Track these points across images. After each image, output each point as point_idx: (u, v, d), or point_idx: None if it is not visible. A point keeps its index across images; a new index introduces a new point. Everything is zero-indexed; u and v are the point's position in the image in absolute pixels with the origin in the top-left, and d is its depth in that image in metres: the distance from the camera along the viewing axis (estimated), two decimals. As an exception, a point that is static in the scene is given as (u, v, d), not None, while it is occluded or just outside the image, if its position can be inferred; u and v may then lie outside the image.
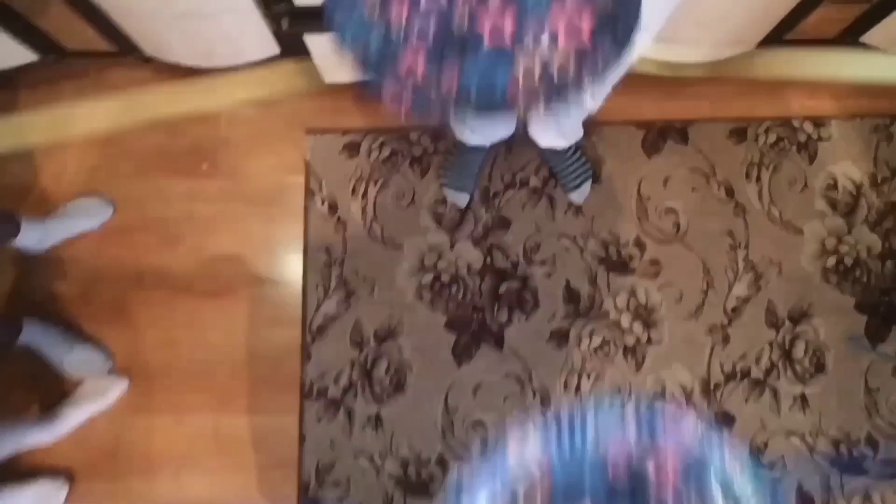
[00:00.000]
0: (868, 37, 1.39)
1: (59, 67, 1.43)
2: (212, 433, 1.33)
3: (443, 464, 1.31)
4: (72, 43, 1.39)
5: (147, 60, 1.42)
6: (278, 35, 1.31)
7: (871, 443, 1.33)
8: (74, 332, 1.34)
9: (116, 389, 1.32)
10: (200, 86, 1.41)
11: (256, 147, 1.46)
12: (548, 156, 1.40)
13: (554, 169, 1.41)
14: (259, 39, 1.33)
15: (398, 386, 1.34)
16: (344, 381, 1.34)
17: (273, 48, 1.37)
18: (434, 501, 1.30)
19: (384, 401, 1.34)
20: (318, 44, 1.27)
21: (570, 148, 1.36)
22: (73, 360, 1.32)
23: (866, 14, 1.33)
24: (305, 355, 1.35)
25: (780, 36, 1.39)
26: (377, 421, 1.33)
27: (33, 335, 1.28)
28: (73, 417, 1.29)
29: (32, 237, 1.31)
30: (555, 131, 1.26)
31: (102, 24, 1.29)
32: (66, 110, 1.42)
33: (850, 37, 1.41)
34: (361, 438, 1.32)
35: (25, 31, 1.31)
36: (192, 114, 1.42)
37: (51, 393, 1.31)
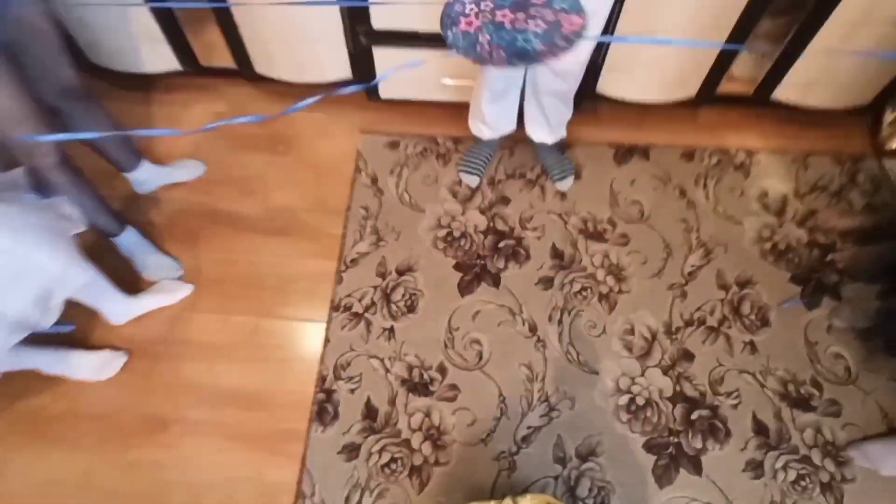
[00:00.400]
0: (778, 92, 1.90)
1: (190, 78, 1.98)
2: (250, 331, 1.59)
3: (442, 370, 1.53)
4: (205, 59, 1.96)
5: (254, 78, 1.97)
6: (353, 60, 1.86)
7: (816, 385, 1.52)
8: (157, 245, 1.68)
9: (182, 292, 1.62)
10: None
11: (322, 139, 1.93)
12: (540, 153, 1.84)
13: (545, 164, 1.84)
14: (338, 63, 1.88)
15: (411, 307, 1.62)
16: (367, 300, 1.62)
17: (347, 72, 1.92)
18: (431, 399, 1.49)
19: (398, 318, 1.60)
20: (384, 61, 1.81)
21: (556, 146, 1.81)
22: (153, 264, 1.65)
23: (770, 75, 1.85)
24: (338, 279, 1.66)
25: (713, 88, 1.91)
26: (391, 332, 1.58)
27: (129, 237, 1.62)
28: (144, 303, 1.57)
29: (144, 174, 1.74)
30: (545, 128, 1.71)
31: (236, 45, 1.86)
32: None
33: (765, 93, 1.92)
34: (376, 345, 1.56)
35: (181, 44, 1.88)
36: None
37: (129, 288, 1.60)
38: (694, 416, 1.48)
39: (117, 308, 1.53)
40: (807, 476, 1.42)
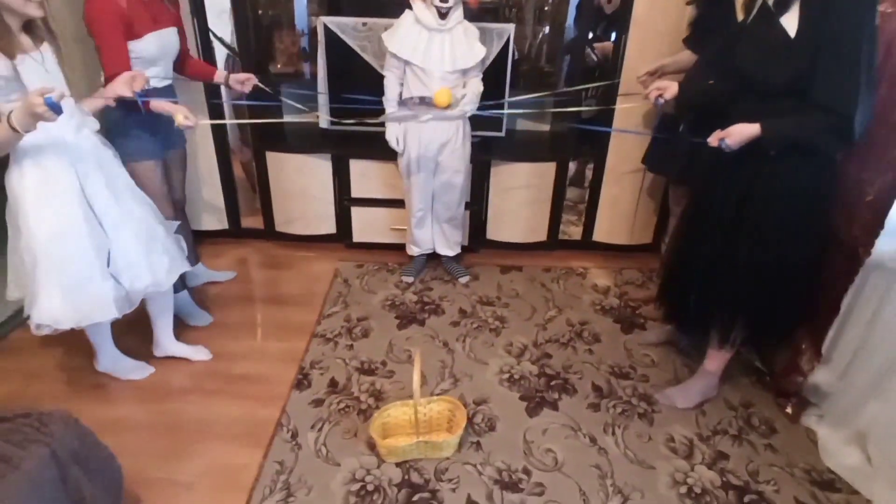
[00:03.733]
0: (595, 236, 3.03)
1: (230, 237, 3.03)
2: (258, 347, 2.27)
3: None
4: (244, 222, 3.05)
5: (272, 235, 3.03)
6: (338, 218, 2.98)
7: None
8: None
9: (203, 356, 2.19)
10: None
11: (313, 263, 2.89)
12: (445, 261, 2.82)
13: (450, 269, 2.80)
14: (327, 221, 2.99)
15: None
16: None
17: (333, 227, 3.01)
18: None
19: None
20: (357, 217, 2.92)
21: (456, 258, 2.80)
22: (196, 314, 2.41)
23: (587, 220, 3.01)
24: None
25: (556, 236, 3.04)
26: None
27: (184, 295, 2.41)
28: (179, 349, 2.17)
29: (198, 270, 2.63)
30: (447, 245, 2.74)
31: (267, 213, 2.98)
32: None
33: (588, 238, 3.05)
34: None
35: (232, 210, 2.99)
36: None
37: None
38: None
39: (165, 340, 2.15)
40: (628, 410, 2.01)
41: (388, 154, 2.53)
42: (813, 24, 1.45)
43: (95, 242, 1.70)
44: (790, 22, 1.49)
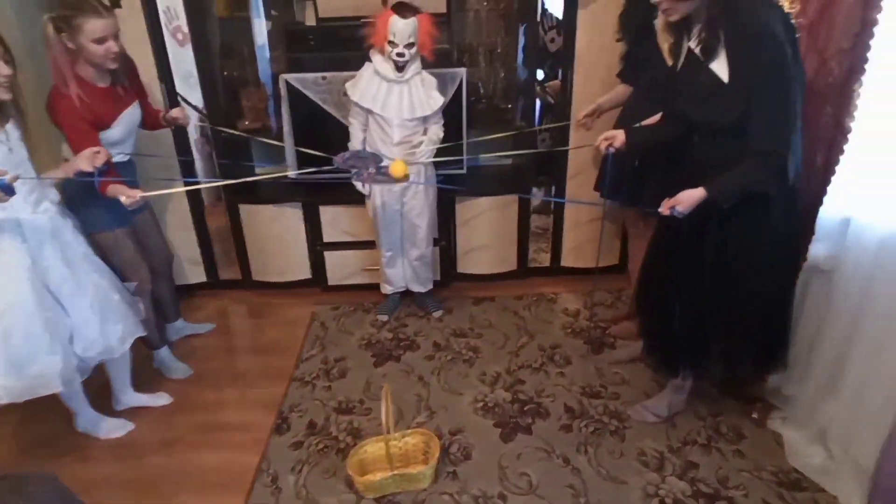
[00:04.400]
0: (563, 262, 3.12)
1: (209, 289, 3.08)
2: (237, 398, 2.29)
3: None
4: (221, 274, 3.10)
5: (250, 284, 3.09)
6: (312, 264, 3.05)
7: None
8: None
9: (164, 401, 2.25)
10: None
11: (290, 308, 2.94)
12: (418, 297, 2.88)
13: (424, 305, 2.87)
14: (302, 267, 3.05)
15: None
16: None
17: (308, 273, 3.08)
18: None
19: None
20: (330, 260, 3.00)
21: (428, 293, 2.86)
22: (177, 367, 2.44)
23: (554, 246, 3.11)
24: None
25: (526, 264, 3.13)
26: None
27: (164, 352, 2.44)
28: (137, 400, 2.22)
29: (179, 325, 2.67)
30: (418, 283, 2.81)
31: (244, 262, 3.05)
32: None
33: (556, 264, 3.14)
34: None
35: (209, 263, 3.05)
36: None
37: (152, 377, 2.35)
38: None
39: (123, 396, 2.18)
40: (600, 429, 2.06)
41: (356, 198, 2.63)
42: (742, 68, 1.48)
43: (45, 317, 1.73)
44: (721, 67, 1.52)
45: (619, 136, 1.90)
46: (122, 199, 1.82)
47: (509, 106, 3.10)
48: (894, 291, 1.61)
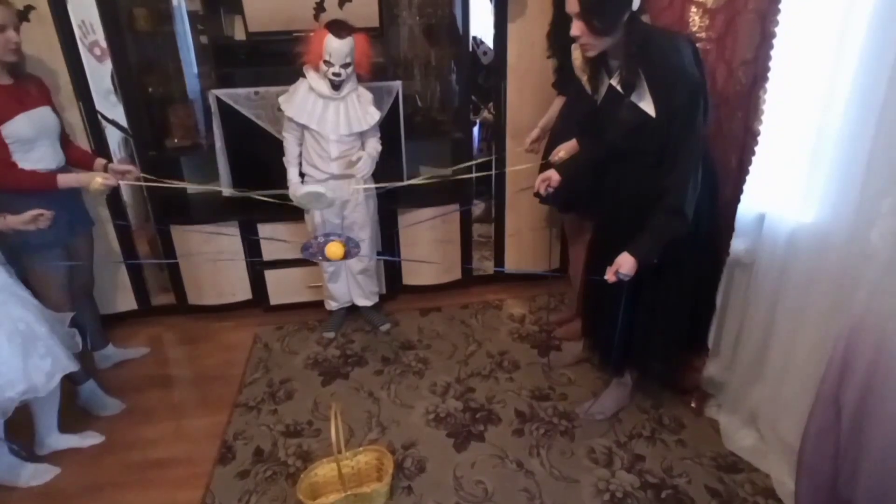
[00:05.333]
0: (507, 266, 3.17)
1: (141, 316, 2.91)
2: (173, 430, 2.16)
3: None
4: (154, 298, 2.93)
5: (186, 309, 2.94)
6: (252, 284, 2.94)
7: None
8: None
9: (94, 440, 2.09)
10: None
11: (232, 332, 2.82)
12: (364, 312, 2.83)
13: (370, 319, 2.82)
14: (242, 288, 2.94)
15: None
16: None
17: (249, 293, 2.96)
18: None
19: None
20: (271, 279, 2.90)
21: (375, 307, 2.82)
22: (106, 404, 2.27)
23: (497, 254, 3.15)
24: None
25: (470, 274, 3.15)
26: None
27: (90, 386, 2.27)
28: (65, 441, 2.05)
29: (108, 352, 2.50)
30: (363, 296, 2.77)
31: (178, 287, 2.90)
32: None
33: (500, 271, 3.18)
34: None
35: (140, 289, 2.88)
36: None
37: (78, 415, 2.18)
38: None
39: (48, 438, 2.01)
40: (550, 430, 2.10)
41: (295, 213, 2.56)
42: (665, 106, 1.57)
43: None
44: (646, 103, 1.61)
45: (554, 176, 1.98)
46: (96, 182, 1.84)
47: (445, 117, 3.13)
48: (804, 280, 1.74)
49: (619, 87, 1.66)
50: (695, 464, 1.92)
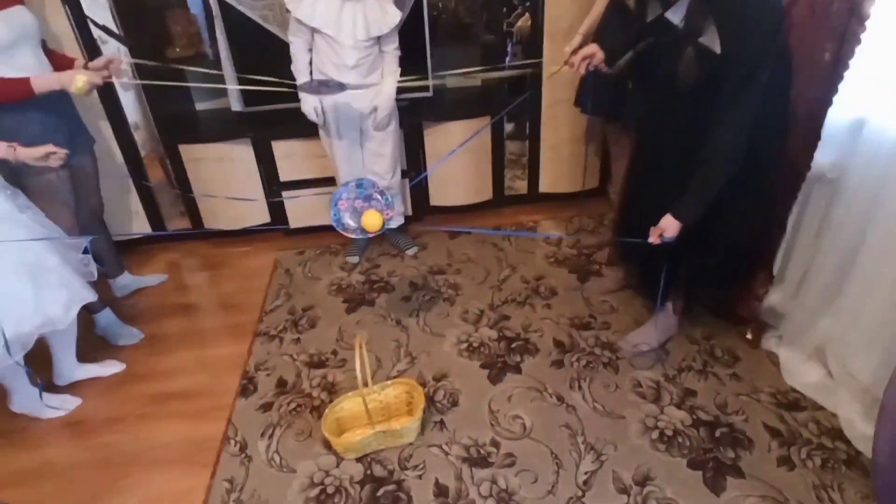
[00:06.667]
0: (542, 188, 2.90)
1: (158, 243, 2.76)
2: (194, 359, 2.06)
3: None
4: (170, 224, 2.77)
5: (203, 234, 2.78)
6: (271, 208, 2.74)
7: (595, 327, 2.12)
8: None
9: (115, 368, 2.00)
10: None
11: (251, 258, 2.67)
12: (389, 235, 2.64)
13: (396, 242, 2.63)
14: (260, 211, 2.75)
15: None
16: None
17: (267, 216, 2.78)
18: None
19: None
20: (290, 204, 2.69)
21: (400, 229, 2.62)
22: (123, 333, 2.17)
23: (531, 173, 2.87)
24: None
25: (502, 194, 2.89)
26: None
27: (106, 315, 2.16)
28: (84, 372, 1.97)
29: (123, 280, 2.38)
30: (393, 221, 2.55)
31: (191, 209, 2.72)
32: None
33: (534, 190, 2.91)
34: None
35: (153, 214, 2.71)
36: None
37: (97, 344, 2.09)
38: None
39: (66, 370, 1.92)
40: (592, 362, 1.92)
41: (311, 129, 2.31)
42: (731, 47, 1.36)
43: None
44: (710, 37, 1.38)
45: (598, 53, 1.68)
46: (80, 81, 1.65)
47: (472, 19, 2.75)
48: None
49: (680, 25, 1.42)
50: (752, 400, 1.74)
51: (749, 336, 1.97)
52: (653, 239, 1.56)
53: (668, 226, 1.53)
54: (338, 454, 1.62)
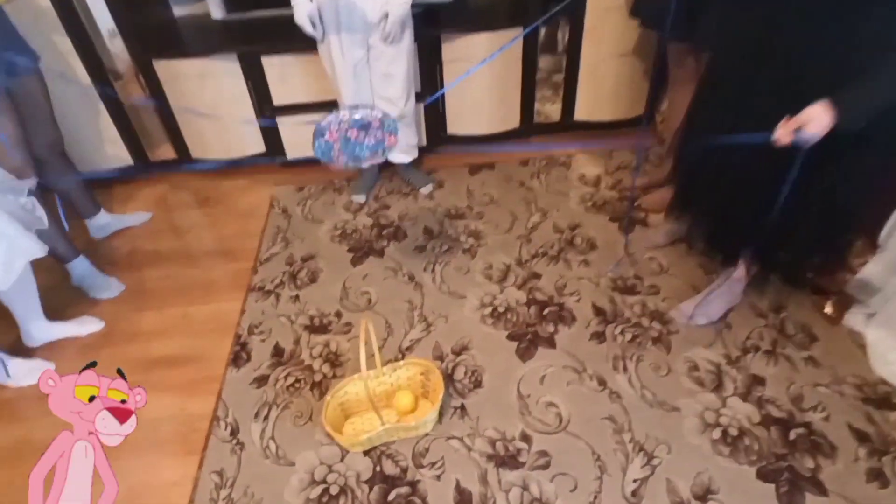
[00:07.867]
0: (577, 114, 2.46)
1: (140, 176, 2.41)
2: (181, 316, 1.78)
3: (339, 314, 1.70)
4: (152, 154, 2.41)
5: (190, 161, 2.41)
6: (264, 134, 2.35)
7: (638, 279, 1.79)
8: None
9: (94, 327, 1.76)
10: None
11: (246, 193, 2.32)
12: (401, 170, 2.26)
13: (409, 179, 2.26)
14: (253, 138, 2.36)
15: None
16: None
17: (262, 145, 2.39)
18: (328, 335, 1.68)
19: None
20: (286, 131, 2.30)
21: (414, 164, 2.23)
22: (101, 285, 1.88)
23: (566, 95, 2.42)
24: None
25: (531, 121, 2.46)
26: (296, 297, 1.78)
27: (81, 264, 1.87)
28: (58, 331, 1.71)
29: (101, 220, 2.06)
30: (402, 150, 2.15)
31: (175, 137, 2.33)
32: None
33: (569, 118, 2.47)
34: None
35: (132, 141, 2.34)
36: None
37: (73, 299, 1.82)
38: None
39: (34, 329, 1.67)
40: (639, 335, 1.62)
41: (308, 42, 1.87)
42: None
43: None
44: None
45: None
46: None
47: None
48: None
49: None
50: (833, 393, 1.44)
51: (828, 310, 1.64)
52: (781, 135, 1.13)
53: (815, 116, 1.08)
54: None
